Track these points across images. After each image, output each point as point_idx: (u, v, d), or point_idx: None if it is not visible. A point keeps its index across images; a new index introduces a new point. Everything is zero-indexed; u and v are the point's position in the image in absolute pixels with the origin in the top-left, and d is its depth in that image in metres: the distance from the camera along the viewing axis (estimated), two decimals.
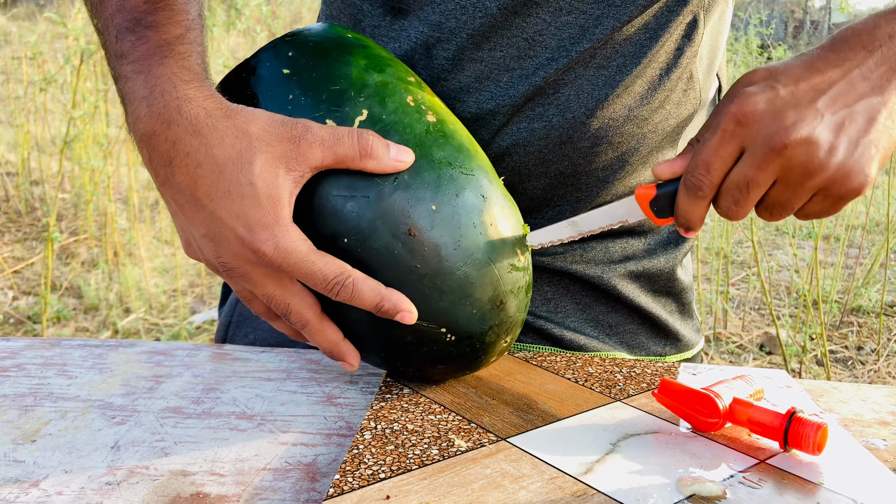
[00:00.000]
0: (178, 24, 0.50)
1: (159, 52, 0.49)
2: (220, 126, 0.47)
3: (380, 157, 0.47)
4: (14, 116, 3.66)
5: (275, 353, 0.64)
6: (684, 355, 0.74)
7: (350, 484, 0.42)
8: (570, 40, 0.60)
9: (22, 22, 5.47)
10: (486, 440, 0.48)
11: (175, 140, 0.47)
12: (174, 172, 0.48)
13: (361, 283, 0.48)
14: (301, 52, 0.53)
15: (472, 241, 0.50)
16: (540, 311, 0.68)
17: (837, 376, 2.41)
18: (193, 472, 0.45)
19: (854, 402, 0.59)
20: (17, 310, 2.56)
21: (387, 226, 0.48)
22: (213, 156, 0.46)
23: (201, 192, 0.47)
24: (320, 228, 0.49)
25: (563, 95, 0.61)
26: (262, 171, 0.46)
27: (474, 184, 0.51)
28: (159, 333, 2.54)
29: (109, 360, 0.61)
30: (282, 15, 4.41)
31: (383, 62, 0.54)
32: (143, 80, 0.48)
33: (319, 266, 0.47)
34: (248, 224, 0.46)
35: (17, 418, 0.51)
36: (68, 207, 3.36)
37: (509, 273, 0.52)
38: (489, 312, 0.52)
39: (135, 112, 0.48)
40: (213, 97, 0.48)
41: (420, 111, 0.52)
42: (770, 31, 3.32)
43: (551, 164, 0.63)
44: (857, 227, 3.54)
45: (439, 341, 0.51)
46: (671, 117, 0.65)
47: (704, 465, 0.46)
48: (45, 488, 0.43)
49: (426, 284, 0.49)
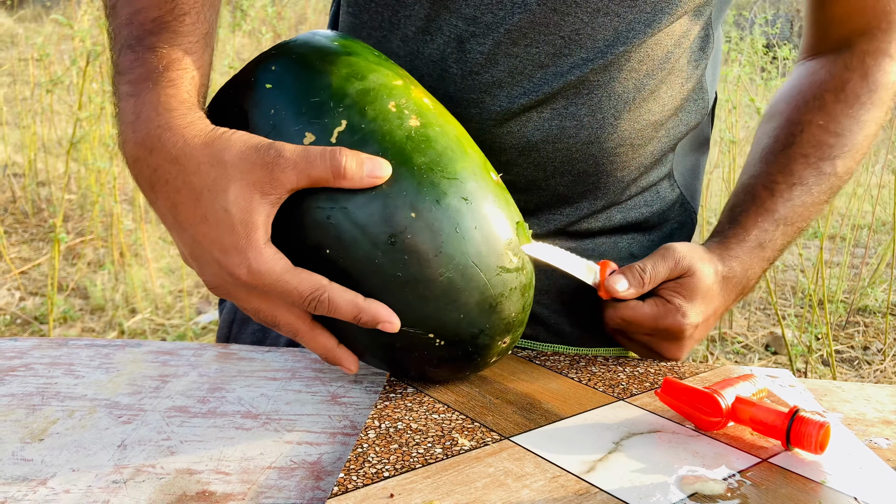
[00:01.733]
0: (177, 49, 0.51)
1: (151, 78, 0.50)
2: (196, 154, 0.48)
3: (353, 176, 0.48)
4: (21, 118, 3.68)
5: (279, 352, 0.64)
6: None
7: (354, 482, 0.42)
8: (605, 42, 0.61)
9: (28, 23, 5.49)
10: (490, 439, 0.48)
11: (156, 167, 0.49)
12: (157, 197, 0.50)
13: (338, 298, 0.49)
14: (283, 66, 0.53)
15: (455, 247, 0.49)
16: (555, 304, 0.69)
17: (843, 376, 2.41)
18: (199, 470, 0.46)
19: (857, 402, 0.59)
20: (24, 310, 2.57)
21: (366, 236, 0.49)
22: (191, 183, 0.48)
23: (181, 216, 0.49)
24: (304, 240, 0.50)
25: (595, 96, 0.62)
26: (237, 197, 0.48)
27: (457, 188, 0.50)
28: (165, 334, 2.55)
29: (116, 360, 0.62)
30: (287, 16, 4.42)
31: (367, 69, 0.53)
32: (133, 105, 0.50)
33: (294, 284, 0.49)
34: (223, 248, 0.48)
35: (24, 417, 0.52)
36: (75, 208, 3.37)
37: (498, 276, 0.51)
38: (478, 316, 0.51)
39: (123, 134, 0.51)
40: (193, 125, 0.49)
41: (402, 116, 0.51)
42: (776, 31, 3.32)
43: (577, 163, 0.64)
44: (863, 227, 3.53)
45: (429, 346, 0.51)
46: (682, 124, 0.68)
47: (707, 464, 0.46)
48: (53, 486, 0.44)
49: (409, 292, 0.49)
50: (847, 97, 0.70)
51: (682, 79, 0.66)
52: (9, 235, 3.12)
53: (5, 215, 3.29)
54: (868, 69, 0.71)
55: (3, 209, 3.35)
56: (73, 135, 2.70)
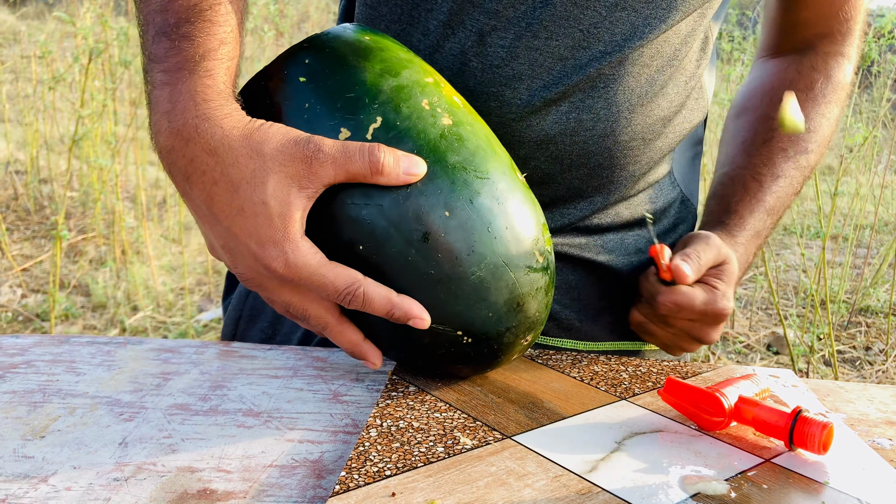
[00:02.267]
0: (212, 38, 0.51)
1: (187, 67, 0.50)
2: (235, 146, 0.48)
3: (390, 173, 0.48)
4: (23, 115, 3.68)
5: (281, 350, 0.64)
6: None
7: (356, 481, 0.42)
8: (623, 36, 0.63)
9: (31, 21, 5.50)
10: (492, 438, 0.48)
11: (192, 157, 0.49)
12: (192, 187, 0.49)
13: (372, 293, 0.49)
14: (317, 59, 0.53)
15: (487, 246, 0.50)
16: (564, 299, 0.70)
17: (845, 376, 2.40)
18: (200, 468, 0.46)
19: (860, 402, 0.59)
20: (26, 307, 2.57)
21: (400, 233, 0.49)
22: (229, 175, 0.48)
23: (217, 208, 0.49)
24: (337, 235, 0.50)
25: (611, 90, 0.64)
26: (275, 190, 0.47)
27: (489, 188, 0.51)
28: (167, 332, 2.55)
29: (117, 357, 0.61)
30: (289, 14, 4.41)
31: (400, 65, 0.53)
32: (169, 94, 0.50)
33: (330, 278, 0.49)
34: (259, 241, 0.48)
35: (26, 414, 0.52)
36: (76, 206, 3.37)
37: (526, 276, 0.52)
38: (506, 315, 0.52)
39: (157, 124, 0.50)
40: (231, 116, 0.49)
41: (435, 114, 0.52)
42: None
43: (592, 156, 0.65)
44: (865, 227, 3.52)
45: (456, 343, 0.52)
46: (686, 121, 0.70)
47: (709, 464, 0.46)
48: (54, 484, 0.44)
49: (440, 289, 0.50)
50: (815, 96, 0.76)
51: (686, 76, 0.68)
52: (11, 232, 3.12)
53: (7, 212, 3.30)
54: (831, 70, 0.78)
55: (6, 206, 3.35)
56: (76, 132, 2.70)
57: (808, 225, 3.49)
